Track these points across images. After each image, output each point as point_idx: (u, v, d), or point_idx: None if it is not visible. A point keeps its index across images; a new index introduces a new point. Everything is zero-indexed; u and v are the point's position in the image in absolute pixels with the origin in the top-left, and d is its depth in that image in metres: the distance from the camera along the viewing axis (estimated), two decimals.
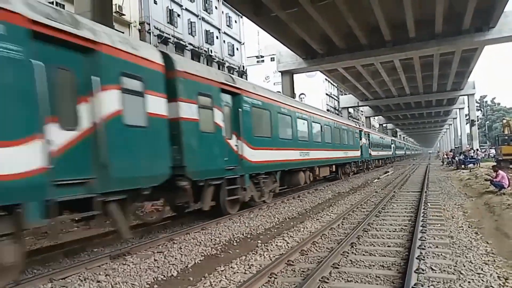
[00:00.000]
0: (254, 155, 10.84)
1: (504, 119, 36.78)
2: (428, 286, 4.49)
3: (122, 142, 6.44)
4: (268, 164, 11.90)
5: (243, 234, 7.99)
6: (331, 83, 64.89)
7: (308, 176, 15.72)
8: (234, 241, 7.44)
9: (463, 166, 27.92)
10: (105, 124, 6.01)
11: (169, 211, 10.26)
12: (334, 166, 20.31)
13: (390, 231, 7.59)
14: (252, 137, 10.89)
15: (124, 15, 24.78)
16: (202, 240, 7.46)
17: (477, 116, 61.10)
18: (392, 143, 49.51)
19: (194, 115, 8.40)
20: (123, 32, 24.87)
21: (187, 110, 8.16)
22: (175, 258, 6.25)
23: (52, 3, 20.07)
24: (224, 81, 9.76)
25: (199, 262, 6.13)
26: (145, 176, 6.93)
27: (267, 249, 6.59)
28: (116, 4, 22.34)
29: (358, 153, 25.63)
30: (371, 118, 67.96)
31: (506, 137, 27.05)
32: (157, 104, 7.30)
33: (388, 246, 6.41)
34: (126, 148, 6.55)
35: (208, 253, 6.58)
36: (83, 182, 5.74)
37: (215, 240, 7.51)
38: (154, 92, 7.27)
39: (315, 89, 61.41)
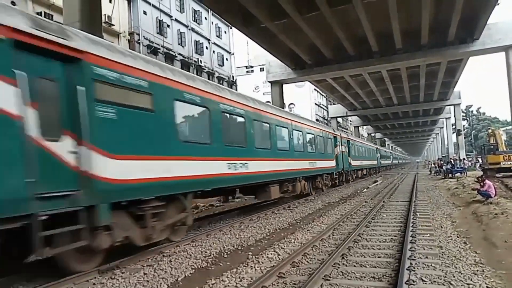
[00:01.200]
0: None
1: (489, 128, 37.52)
2: None
3: None
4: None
5: (233, 246, 7.94)
6: (320, 93, 65.45)
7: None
8: (225, 253, 7.38)
9: (450, 175, 28.28)
10: None
11: None
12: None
13: (380, 242, 7.62)
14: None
15: (113, 25, 24.74)
16: (192, 253, 7.39)
17: (463, 126, 62.26)
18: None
19: None
20: (112, 42, 24.83)
21: None
22: (165, 272, 6.17)
23: (40, 13, 19.96)
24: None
25: (190, 275, 6.06)
26: None
27: (258, 261, 6.55)
28: (105, 15, 22.31)
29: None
30: (359, 127, 68.63)
31: (492, 147, 27.56)
32: None
33: (379, 257, 6.43)
34: None
35: (199, 266, 6.51)
36: None
37: (206, 252, 7.44)
38: None
39: (304, 99, 61.86)
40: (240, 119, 10.76)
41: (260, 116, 12.10)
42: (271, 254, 7.03)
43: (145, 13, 28.03)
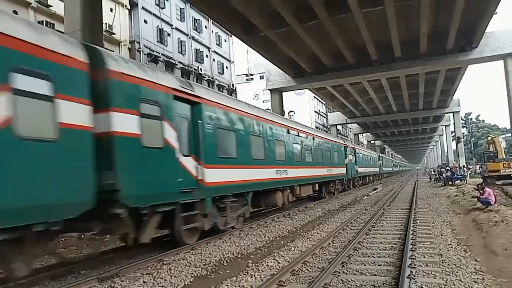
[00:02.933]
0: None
1: (489, 136, 37.58)
2: None
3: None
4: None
5: (233, 254, 7.92)
6: (320, 101, 65.66)
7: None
8: (225, 261, 7.36)
9: (450, 182, 28.26)
10: None
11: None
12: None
13: (380, 250, 7.61)
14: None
15: (114, 34, 24.91)
16: (192, 261, 7.36)
17: (463, 133, 62.35)
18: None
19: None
20: (113, 51, 25.03)
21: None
22: (165, 280, 6.15)
23: (42, 22, 20.11)
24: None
25: (189, 283, 6.04)
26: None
27: (258, 269, 6.53)
28: (106, 23, 22.47)
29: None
30: (359, 135, 68.72)
31: (492, 154, 27.59)
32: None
33: (379, 265, 6.42)
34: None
35: (199, 274, 6.49)
36: None
37: (205, 260, 7.42)
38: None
39: (304, 106, 62.04)
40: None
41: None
42: (271, 262, 7.01)
43: (145, 22, 28.24)
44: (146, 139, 7.03)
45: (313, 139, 18.44)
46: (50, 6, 20.82)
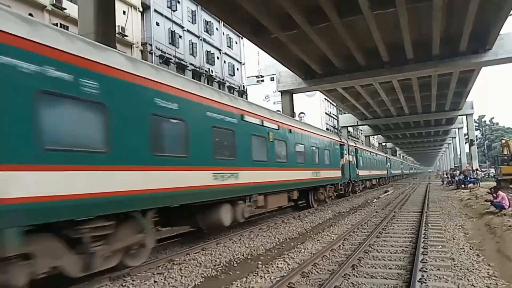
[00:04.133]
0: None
1: (503, 139, 36.92)
2: None
3: None
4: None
5: (243, 255, 7.95)
6: (331, 103, 65.43)
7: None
8: (235, 262, 7.39)
9: (463, 186, 27.87)
10: None
11: None
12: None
13: (391, 253, 7.56)
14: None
15: (126, 36, 25.23)
16: (202, 261, 7.42)
17: (476, 136, 61.46)
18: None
19: None
20: (125, 53, 25.30)
21: None
22: (175, 280, 6.21)
23: (56, 24, 20.47)
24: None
25: (199, 284, 6.09)
26: None
27: (268, 271, 6.55)
28: (119, 26, 22.79)
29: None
30: (370, 137, 68.19)
31: (506, 157, 27.08)
32: None
33: (390, 268, 6.38)
34: None
35: (209, 275, 6.54)
36: None
37: (216, 261, 7.46)
38: None
39: (315, 108, 61.91)
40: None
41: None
42: (281, 263, 7.02)
43: (157, 24, 28.54)
44: None
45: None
46: (65, 9, 21.20)
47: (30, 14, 19.49)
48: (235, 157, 9.76)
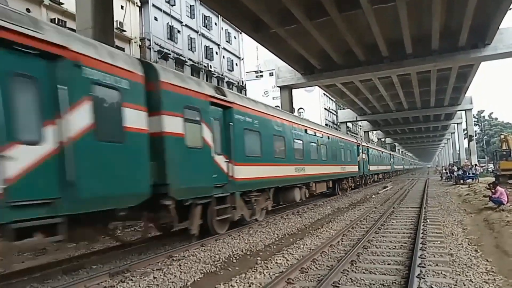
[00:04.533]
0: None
1: (501, 134, 36.93)
2: None
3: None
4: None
5: (242, 251, 7.96)
6: (330, 98, 65.34)
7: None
8: (234, 258, 7.40)
9: (461, 181, 27.93)
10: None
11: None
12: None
13: (390, 248, 7.58)
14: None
15: (125, 31, 25.10)
16: (201, 257, 7.42)
17: (475, 131, 61.54)
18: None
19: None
20: (123, 48, 25.17)
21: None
22: (175, 276, 6.22)
23: (54, 20, 20.36)
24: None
25: (199, 279, 6.09)
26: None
27: (267, 267, 6.56)
28: (117, 21, 22.66)
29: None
30: (369, 132, 68.22)
31: (504, 153, 27.13)
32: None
33: (388, 264, 6.40)
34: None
35: (208, 271, 6.54)
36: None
37: (215, 257, 7.47)
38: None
39: (314, 103, 61.86)
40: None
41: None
42: (280, 259, 7.03)
43: (156, 19, 28.40)
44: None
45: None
46: (62, 3, 21.07)
47: (28, 10, 19.36)
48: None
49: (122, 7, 25.05)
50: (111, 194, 6.29)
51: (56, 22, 20.26)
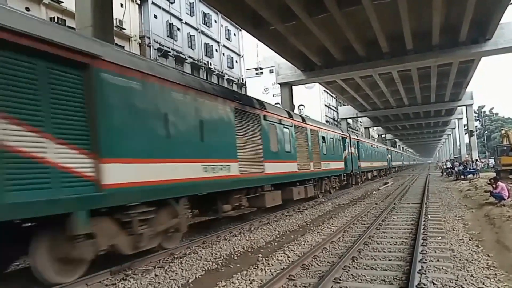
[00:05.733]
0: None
1: (502, 129, 36.87)
2: None
3: None
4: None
5: (243, 248, 7.98)
6: (330, 94, 65.24)
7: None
8: (235, 255, 7.42)
9: (462, 176, 27.92)
10: None
11: None
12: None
13: (391, 244, 7.58)
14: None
15: (124, 29, 25.06)
16: (202, 255, 7.44)
17: (476, 127, 61.40)
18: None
19: None
20: (123, 46, 25.13)
21: None
22: (176, 273, 6.23)
23: (53, 18, 20.32)
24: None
25: (200, 277, 6.11)
26: None
27: (268, 264, 6.58)
28: (116, 19, 22.61)
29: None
30: (370, 128, 68.13)
31: (505, 148, 27.10)
32: None
33: (389, 260, 6.41)
34: None
35: (209, 268, 6.56)
36: None
37: (216, 254, 7.49)
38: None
39: (314, 100, 61.76)
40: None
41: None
42: (281, 256, 7.05)
43: (155, 17, 28.33)
44: None
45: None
46: (61, 2, 21.02)
47: (27, 8, 19.34)
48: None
49: (121, 5, 24.99)
50: None
51: (56, 20, 20.23)
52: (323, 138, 18.44)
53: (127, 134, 6.21)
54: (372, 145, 34.93)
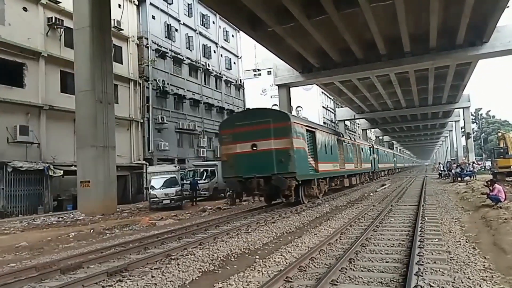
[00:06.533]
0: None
1: (499, 131, 37.03)
2: None
3: None
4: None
5: (241, 249, 7.95)
6: (328, 96, 65.34)
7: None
8: (232, 257, 7.40)
9: (459, 178, 28.00)
10: None
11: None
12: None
13: (388, 246, 7.58)
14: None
15: (122, 30, 25.02)
16: (199, 256, 7.41)
17: (473, 129, 61.60)
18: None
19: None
20: (121, 47, 25.09)
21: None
22: (173, 275, 6.20)
23: (51, 18, 20.26)
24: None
25: (197, 278, 6.08)
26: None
27: (265, 265, 6.56)
28: (114, 19, 22.56)
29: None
30: (367, 130, 68.28)
31: (502, 150, 27.20)
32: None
33: (387, 262, 6.40)
34: None
35: (206, 269, 6.53)
36: None
37: (213, 255, 7.46)
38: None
39: (312, 102, 61.81)
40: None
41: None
42: (278, 258, 7.03)
43: (153, 17, 28.31)
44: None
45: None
46: (59, 2, 20.98)
47: (24, 8, 19.28)
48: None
49: (119, 5, 24.96)
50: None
51: (54, 21, 20.18)
52: (362, 149, 28.83)
53: (321, 152, 17.34)
54: (384, 151, 46.68)
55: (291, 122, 14.25)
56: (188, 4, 32.91)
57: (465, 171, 28.82)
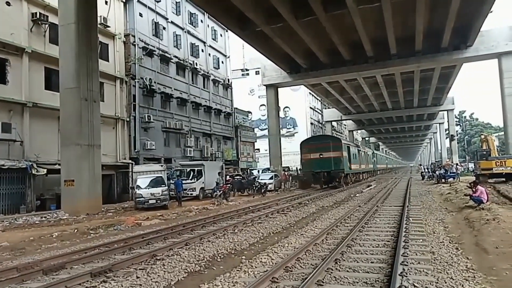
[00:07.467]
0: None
1: (482, 134, 37.78)
2: None
3: None
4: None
5: (227, 250, 7.93)
6: (315, 97, 65.64)
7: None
8: (218, 257, 7.37)
9: (443, 180, 28.46)
10: None
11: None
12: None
13: (373, 247, 7.65)
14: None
15: (109, 27, 24.67)
16: (185, 256, 7.36)
17: (456, 131, 62.73)
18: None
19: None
20: (107, 44, 24.77)
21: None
22: (158, 275, 6.15)
23: (35, 14, 19.87)
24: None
25: (183, 279, 6.04)
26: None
27: (252, 266, 6.55)
28: (101, 16, 22.22)
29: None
30: (354, 132, 68.85)
31: (485, 152, 27.73)
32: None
33: (372, 262, 6.46)
34: None
35: (192, 270, 6.49)
36: None
37: (199, 256, 7.42)
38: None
39: (299, 102, 61.99)
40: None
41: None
42: (265, 258, 7.02)
43: (141, 15, 27.99)
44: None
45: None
46: None
47: (7, 3, 18.85)
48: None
49: (106, 2, 24.60)
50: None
51: (38, 16, 19.78)
52: (365, 153, 39.04)
53: (352, 158, 30.60)
54: (380, 155, 57.78)
55: (342, 143, 27.52)
56: (176, 2, 32.65)
57: (449, 173, 29.31)
